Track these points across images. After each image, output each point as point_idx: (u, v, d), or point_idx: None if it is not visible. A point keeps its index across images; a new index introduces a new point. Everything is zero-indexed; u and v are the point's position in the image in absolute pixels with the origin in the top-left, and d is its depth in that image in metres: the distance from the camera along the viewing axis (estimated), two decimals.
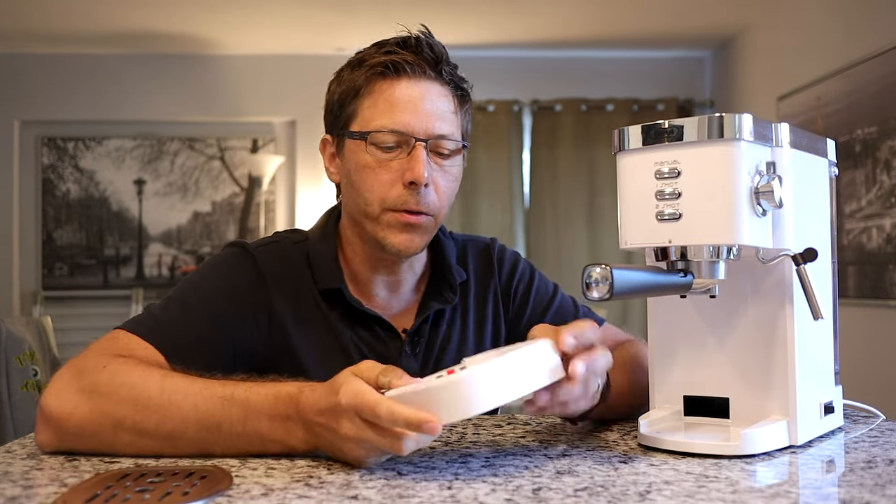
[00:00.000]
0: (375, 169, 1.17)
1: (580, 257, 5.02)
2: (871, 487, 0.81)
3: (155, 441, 0.94)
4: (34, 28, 4.66)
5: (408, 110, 1.16)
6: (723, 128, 0.92)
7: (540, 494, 0.78)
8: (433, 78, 1.19)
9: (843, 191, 3.67)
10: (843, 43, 3.72)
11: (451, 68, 1.21)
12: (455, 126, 1.20)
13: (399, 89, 1.17)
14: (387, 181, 1.17)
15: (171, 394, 0.95)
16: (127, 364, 1.00)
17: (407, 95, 1.17)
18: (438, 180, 1.19)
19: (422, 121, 1.16)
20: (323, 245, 1.25)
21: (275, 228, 5.17)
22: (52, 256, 5.13)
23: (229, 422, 0.93)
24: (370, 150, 1.18)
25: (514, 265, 1.37)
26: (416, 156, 1.16)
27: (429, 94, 1.18)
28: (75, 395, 0.96)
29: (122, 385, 0.96)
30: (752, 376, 1.01)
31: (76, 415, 0.95)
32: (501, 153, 5.15)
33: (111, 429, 0.94)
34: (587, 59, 5.23)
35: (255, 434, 0.92)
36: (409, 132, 1.16)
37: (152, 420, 0.94)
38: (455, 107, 1.21)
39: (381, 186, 1.17)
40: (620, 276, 0.88)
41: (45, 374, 2.90)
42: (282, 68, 5.06)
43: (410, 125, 1.16)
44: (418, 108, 1.17)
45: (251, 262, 1.21)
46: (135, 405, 0.94)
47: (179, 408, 0.94)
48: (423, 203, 1.17)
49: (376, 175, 1.17)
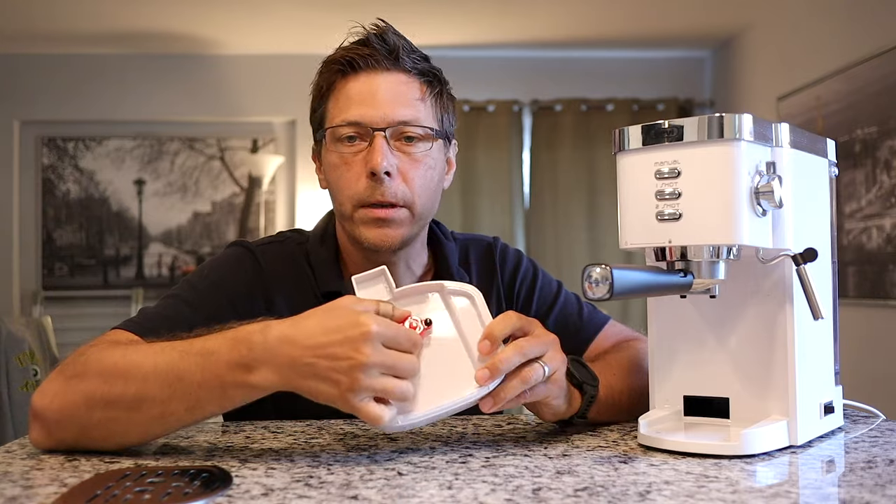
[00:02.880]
0: (342, 166, 1.18)
1: (580, 257, 5.02)
2: (871, 487, 0.81)
3: (123, 410, 0.93)
4: (34, 28, 4.66)
5: (364, 102, 1.17)
6: (723, 128, 0.92)
7: (540, 494, 0.78)
8: (391, 68, 1.18)
9: (843, 191, 3.67)
10: (843, 43, 3.72)
11: (416, 57, 1.21)
12: (421, 112, 1.19)
13: (356, 84, 1.18)
14: (353, 177, 1.17)
15: (133, 356, 0.95)
16: (101, 346, 1.01)
17: (364, 88, 1.17)
18: (406, 169, 1.17)
19: (379, 110, 1.16)
20: (322, 248, 1.25)
21: (275, 228, 5.17)
22: (52, 256, 5.13)
23: (189, 372, 0.91)
24: (335, 147, 1.18)
25: (517, 264, 1.37)
26: (374, 146, 1.15)
27: (386, 83, 1.17)
28: (54, 384, 0.97)
29: (94, 362, 0.97)
30: (752, 376, 1.01)
31: (55, 402, 0.95)
32: (501, 153, 5.14)
33: (85, 408, 0.94)
34: (587, 59, 5.23)
35: (215, 380, 0.91)
36: (365, 122, 1.16)
37: (118, 387, 0.93)
38: (422, 93, 1.20)
39: (348, 183, 1.17)
40: (620, 276, 0.88)
41: (44, 374, 2.90)
42: (282, 68, 5.05)
43: (367, 115, 1.16)
44: (376, 98, 1.17)
45: (253, 262, 1.22)
46: (102, 376, 0.95)
47: (140, 367, 0.93)
48: (390, 193, 1.16)
49: (343, 172, 1.18)
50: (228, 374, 0.91)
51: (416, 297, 0.99)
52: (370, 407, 0.88)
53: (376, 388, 0.88)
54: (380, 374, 0.88)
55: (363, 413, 0.88)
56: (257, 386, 0.91)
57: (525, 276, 1.36)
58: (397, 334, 0.90)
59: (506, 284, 1.35)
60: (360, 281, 0.99)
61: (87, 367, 0.97)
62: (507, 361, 0.92)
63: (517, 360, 0.93)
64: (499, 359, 0.92)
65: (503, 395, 0.93)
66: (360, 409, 0.88)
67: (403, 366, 0.89)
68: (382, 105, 1.16)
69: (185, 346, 0.94)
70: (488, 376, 0.91)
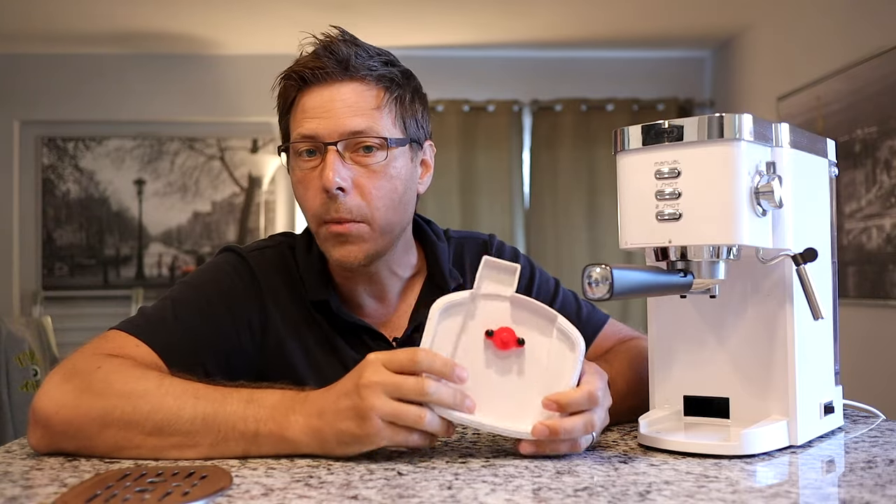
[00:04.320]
0: (303, 182, 1.16)
1: (580, 257, 5.02)
2: (871, 487, 0.81)
3: (142, 433, 0.93)
4: (34, 28, 4.66)
5: (316, 115, 1.14)
6: (723, 128, 0.92)
7: (540, 494, 0.78)
8: (343, 79, 1.15)
9: (843, 191, 3.67)
10: (843, 43, 3.71)
11: (373, 63, 1.16)
12: (376, 120, 1.14)
13: (309, 98, 1.16)
14: (312, 194, 1.15)
15: (170, 387, 0.96)
16: (124, 364, 1.00)
17: (316, 102, 1.15)
18: (364, 182, 1.14)
19: (329, 123, 1.13)
20: (309, 255, 1.23)
21: (275, 228, 5.17)
22: (52, 256, 5.13)
23: (230, 408, 0.93)
24: (294, 163, 1.17)
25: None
26: (325, 161, 1.12)
27: (339, 94, 1.14)
28: (65, 393, 0.96)
29: (117, 382, 0.96)
30: (752, 376, 1.01)
31: (63, 412, 0.95)
32: (501, 153, 5.14)
33: (98, 423, 0.94)
34: (587, 59, 5.23)
35: (251, 419, 0.92)
36: (318, 136, 1.13)
37: (144, 409, 0.93)
38: (379, 101, 1.15)
39: (308, 200, 1.16)
40: (620, 276, 0.88)
41: (44, 374, 2.90)
42: (282, 68, 5.04)
43: (317, 130, 1.13)
44: (327, 111, 1.14)
45: (246, 269, 1.20)
46: (128, 397, 0.94)
47: (177, 398, 0.94)
48: (345, 209, 1.13)
49: (304, 190, 1.17)
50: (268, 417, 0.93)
51: (529, 312, 0.98)
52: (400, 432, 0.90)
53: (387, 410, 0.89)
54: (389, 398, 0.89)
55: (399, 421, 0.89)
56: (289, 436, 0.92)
57: (521, 274, 1.35)
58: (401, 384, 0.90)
59: None
60: (490, 266, 0.99)
61: (107, 385, 0.96)
62: (571, 433, 0.92)
63: (579, 434, 0.93)
64: (564, 428, 0.92)
65: (548, 450, 0.94)
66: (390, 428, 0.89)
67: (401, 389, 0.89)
68: (333, 118, 1.13)
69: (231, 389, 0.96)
70: (546, 434, 0.92)
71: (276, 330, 1.18)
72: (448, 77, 5.04)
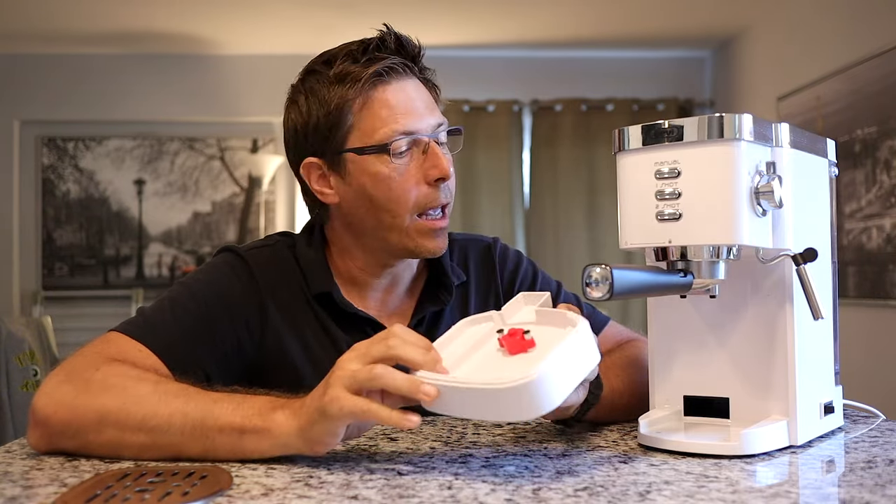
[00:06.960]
0: (397, 178, 1.17)
1: (580, 257, 5.02)
2: (871, 487, 0.81)
3: (138, 436, 0.93)
4: (34, 28, 4.66)
5: (409, 111, 1.17)
6: (723, 128, 0.92)
7: (540, 494, 0.78)
8: (412, 74, 1.21)
9: (843, 191, 3.67)
10: (843, 43, 3.72)
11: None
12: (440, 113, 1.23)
13: (392, 93, 1.17)
14: (411, 185, 1.17)
15: (165, 393, 0.96)
16: (123, 367, 1.01)
17: (403, 97, 1.18)
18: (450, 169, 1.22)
19: (423, 117, 1.18)
20: (310, 249, 1.24)
21: (275, 228, 5.17)
22: (52, 256, 5.13)
23: (219, 411, 0.92)
24: (384, 161, 1.16)
25: (517, 265, 1.36)
26: (434, 152, 1.18)
27: (417, 90, 1.20)
28: (64, 394, 0.97)
29: (116, 384, 0.97)
30: (752, 376, 1.01)
31: (61, 412, 0.95)
32: (501, 153, 5.14)
33: (95, 424, 0.94)
34: (587, 59, 5.23)
35: (238, 418, 0.91)
36: (418, 132, 1.17)
37: (140, 413, 0.93)
38: (434, 95, 1.24)
39: (408, 192, 1.17)
40: (620, 276, 0.88)
41: (44, 374, 2.90)
42: (282, 68, 5.01)
43: (416, 125, 1.17)
44: (417, 105, 1.18)
45: (244, 267, 1.20)
46: (125, 400, 0.95)
47: (169, 405, 0.94)
48: (449, 195, 1.20)
49: (402, 182, 1.17)
50: (255, 416, 0.92)
51: (552, 318, 0.97)
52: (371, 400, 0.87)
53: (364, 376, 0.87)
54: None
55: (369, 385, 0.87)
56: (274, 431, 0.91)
57: (525, 277, 1.36)
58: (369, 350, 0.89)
59: (505, 285, 1.34)
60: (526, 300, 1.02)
61: (106, 386, 0.96)
62: None
63: None
64: None
65: None
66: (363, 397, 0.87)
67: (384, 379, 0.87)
68: (425, 112, 1.19)
69: (223, 393, 0.96)
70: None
71: (274, 327, 1.19)
72: (448, 77, 5.03)
